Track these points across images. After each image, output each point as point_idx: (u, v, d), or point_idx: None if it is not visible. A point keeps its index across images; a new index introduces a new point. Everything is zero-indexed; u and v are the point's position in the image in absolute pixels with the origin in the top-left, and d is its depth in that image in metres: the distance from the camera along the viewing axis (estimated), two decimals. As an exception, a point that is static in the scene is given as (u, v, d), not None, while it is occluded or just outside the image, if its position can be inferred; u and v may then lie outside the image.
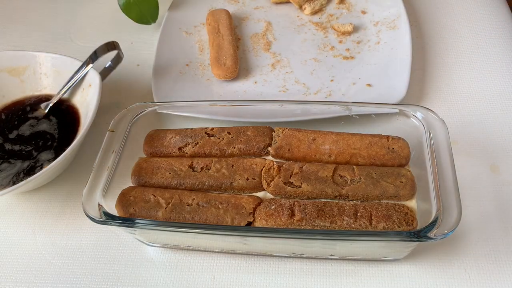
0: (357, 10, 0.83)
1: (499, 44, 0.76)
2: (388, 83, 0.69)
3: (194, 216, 0.51)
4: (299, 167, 0.53)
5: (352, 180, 0.52)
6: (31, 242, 0.60)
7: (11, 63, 0.72)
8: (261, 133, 0.57)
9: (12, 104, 0.72)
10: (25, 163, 0.63)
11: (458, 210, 0.45)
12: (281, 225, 0.49)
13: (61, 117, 0.69)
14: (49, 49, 0.76)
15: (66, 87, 0.69)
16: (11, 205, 0.64)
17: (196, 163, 0.55)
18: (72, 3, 0.96)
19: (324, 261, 0.54)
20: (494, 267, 0.52)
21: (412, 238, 0.44)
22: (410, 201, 0.51)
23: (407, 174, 0.52)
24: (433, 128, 0.53)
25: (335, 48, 0.77)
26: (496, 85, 0.70)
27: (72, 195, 0.64)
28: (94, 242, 0.59)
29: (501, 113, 0.66)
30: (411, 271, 0.52)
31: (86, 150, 0.67)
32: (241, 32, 0.83)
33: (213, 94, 0.72)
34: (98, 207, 0.50)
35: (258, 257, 0.55)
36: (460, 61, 0.74)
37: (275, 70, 0.75)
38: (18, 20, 0.95)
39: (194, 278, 0.54)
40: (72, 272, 0.56)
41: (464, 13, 0.82)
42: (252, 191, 0.54)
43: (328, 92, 0.70)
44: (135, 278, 0.55)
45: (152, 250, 0.57)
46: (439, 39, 0.79)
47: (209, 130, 0.59)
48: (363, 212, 0.49)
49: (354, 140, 0.55)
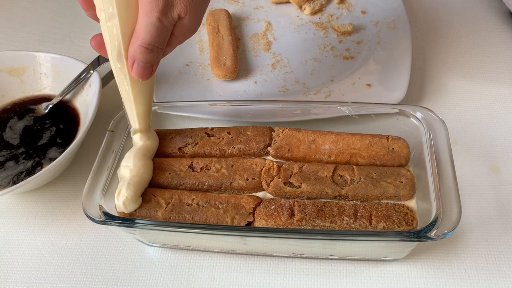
0: (357, 10, 0.83)
1: (499, 44, 0.76)
2: (388, 83, 0.69)
3: (194, 216, 0.51)
4: (299, 167, 0.53)
5: (352, 180, 0.52)
6: (31, 242, 0.60)
7: (11, 63, 0.73)
8: (261, 133, 0.57)
9: (12, 104, 0.72)
10: (25, 163, 0.63)
11: (458, 210, 0.45)
12: (281, 225, 0.49)
13: (61, 117, 0.69)
14: (49, 49, 0.76)
15: (66, 91, 0.69)
16: (11, 205, 0.64)
17: (196, 163, 0.55)
18: (72, 3, 0.96)
19: (324, 261, 0.54)
20: (494, 267, 0.52)
21: (412, 238, 0.44)
22: (410, 201, 0.51)
23: (407, 174, 0.52)
24: (433, 128, 0.53)
25: (335, 48, 0.77)
26: (496, 85, 0.70)
27: (72, 195, 0.64)
28: (94, 242, 0.59)
29: (501, 113, 0.66)
30: (411, 271, 0.52)
31: (86, 150, 0.67)
32: (241, 32, 0.83)
33: (213, 94, 0.72)
34: (98, 207, 0.50)
35: (258, 257, 0.55)
36: (460, 61, 0.74)
37: (275, 70, 0.75)
38: (18, 20, 0.95)
39: (194, 278, 0.54)
40: (72, 272, 0.56)
41: (464, 13, 0.82)
42: (252, 191, 0.54)
43: (328, 92, 0.70)
44: (135, 278, 0.55)
45: (152, 250, 0.57)
46: (439, 39, 0.79)
47: (209, 130, 0.59)
48: (363, 212, 0.49)
49: (354, 140, 0.55)
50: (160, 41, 0.45)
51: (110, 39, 0.46)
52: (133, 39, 0.45)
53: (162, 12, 0.43)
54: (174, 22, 0.45)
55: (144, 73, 0.47)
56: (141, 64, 0.46)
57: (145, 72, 0.47)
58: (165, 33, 0.45)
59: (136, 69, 0.46)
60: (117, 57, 0.47)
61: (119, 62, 0.47)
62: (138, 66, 0.46)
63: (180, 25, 0.46)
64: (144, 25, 0.44)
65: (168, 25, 0.45)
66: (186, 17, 0.45)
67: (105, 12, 0.44)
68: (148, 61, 0.46)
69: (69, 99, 0.70)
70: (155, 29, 0.44)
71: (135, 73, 0.47)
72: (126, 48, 0.46)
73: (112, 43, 0.46)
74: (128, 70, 0.47)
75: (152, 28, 0.44)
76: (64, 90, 0.69)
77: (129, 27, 0.45)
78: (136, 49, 0.45)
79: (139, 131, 0.54)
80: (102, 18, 0.45)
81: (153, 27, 0.44)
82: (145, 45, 0.45)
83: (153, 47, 0.45)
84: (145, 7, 0.43)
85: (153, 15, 0.43)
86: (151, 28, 0.44)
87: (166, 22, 0.44)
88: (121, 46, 0.46)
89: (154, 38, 0.45)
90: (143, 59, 0.46)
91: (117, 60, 0.47)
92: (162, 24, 0.44)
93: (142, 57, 0.46)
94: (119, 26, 0.45)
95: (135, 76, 0.47)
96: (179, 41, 0.48)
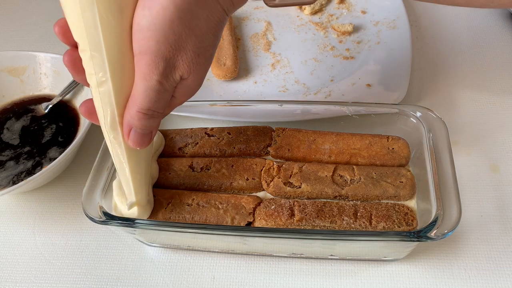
0: (357, 10, 0.83)
1: (499, 44, 0.76)
2: (388, 83, 0.69)
3: (194, 216, 0.51)
4: (298, 167, 0.53)
5: (352, 180, 0.52)
6: (31, 242, 0.60)
7: (11, 63, 0.73)
8: (261, 133, 0.57)
9: (12, 104, 0.72)
10: (25, 163, 0.63)
11: (458, 210, 0.45)
12: (281, 225, 0.49)
13: (61, 118, 0.69)
14: (49, 49, 0.76)
15: (66, 91, 0.69)
16: (11, 205, 0.64)
17: (196, 163, 0.55)
18: (72, 3, 0.96)
19: (324, 261, 0.54)
20: (494, 267, 0.52)
21: (412, 238, 0.44)
22: (410, 201, 0.51)
23: (407, 174, 0.52)
24: (433, 128, 0.53)
25: (335, 48, 0.77)
26: (496, 85, 0.70)
27: (72, 195, 0.64)
28: (94, 242, 0.59)
29: (501, 113, 0.66)
30: (411, 271, 0.52)
31: (86, 150, 0.67)
32: (241, 32, 0.83)
33: (213, 94, 0.72)
34: (98, 207, 0.50)
35: (258, 257, 0.55)
36: (460, 61, 0.74)
37: (275, 70, 0.75)
38: (18, 20, 0.95)
39: (194, 278, 0.54)
40: (72, 272, 0.56)
41: (464, 13, 0.82)
42: (252, 191, 0.54)
43: (328, 92, 0.70)
44: (135, 278, 0.55)
45: (152, 250, 0.57)
46: (439, 39, 0.79)
47: (209, 130, 0.59)
48: (363, 212, 0.49)
49: (354, 140, 0.55)
50: (160, 105, 0.41)
51: (103, 105, 0.41)
52: (130, 104, 0.41)
53: (163, 75, 0.39)
54: (176, 84, 0.41)
55: (143, 141, 0.43)
56: (139, 131, 0.42)
57: (143, 139, 0.43)
58: (165, 96, 0.41)
59: (133, 137, 0.42)
60: (111, 125, 0.42)
61: (113, 131, 0.42)
62: (135, 134, 0.42)
63: (182, 86, 0.42)
64: (142, 90, 0.39)
65: (170, 88, 0.40)
66: (190, 77, 0.41)
67: (97, 77, 0.39)
68: (147, 127, 0.42)
69: (69, 99, 0.70)
70: (154, 93, 0.39)
71: (132, 141, 0.42)
72: (120, 114, 0.41)
73: (104, 110, 0.41)
74: (124, 139, 0.43)
75: (151, 92, 0.39)
76: (64, 90, 0.69)
77: (123, 91, 0.40)
78: (133, 115, 0.40)
79: (136, 204, 0.48)
80: (93, 84, 0.40)
81: (152, 91, 0.39)
82: (144, 111, 0.40)
83: (153, 112, 0.41)
84: (143, 71, 0.39)
85: (152, 78, 0.38)
86: (150, 92, 0.39)
87: (167, 85, 0.40)
88: (115, 113, 0.41)
89: (153, 103, 0.40)
90: (141, 125, 0.41)
91: (111, 128, 0.42)
92: (163, 87, 0.39)
93: (140, 124, 0.41)
94: (113, 92, 0.40)
95: (132, 144, 0.43)
96: (180, 102, 0.44)
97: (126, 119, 0.41)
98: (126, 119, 0.41)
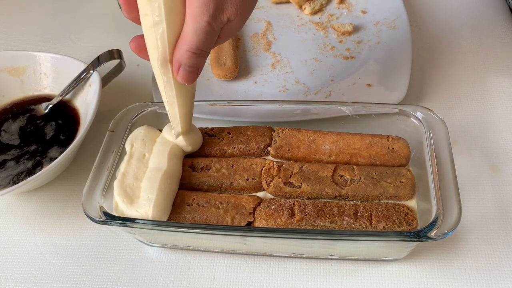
0: (357, 10, 0.83)
1: (499, 44, 0.76)
2: (388, 83, 0.69)
3: (194, 216, 0.51)
4: (299, 167, 0.53)
5: (352, 180, 0.52)
6: (31, 242, 0.60)
7: (11, 63, 0.73)
8: (261, 133, 0.57)
9: (12, 104, 0.72)
10: (25, 163, 0.63)
11: (458, 210, 0.45)
12: (281, 225, 0.49)
13: (61, 117, 0.69)
14: (49, 49, 0.76)
15: (66, 91, 0.69)
16: (11, 205, 0.64)
17: (196, 163, 0.55)
18: (72, 3, 0.96)
19: (324, 261, 0.54)
20: (494, 267, 0.52)
21: (412, 238, 0.44)
22: (410, 201, 0.51)
23: (407, 174, 0.52)
24: (433, 128, 0.53)
25: (335, 48, 0.77)
26: (496, 85, 0.70)
27: (72, 195, 0.64)
28: (94, 242, 0.59)
29: (501, 113, 0.66)
30: (411, 271, 0.52)
31: (86, 150, 0.67)
32: (241, 32, 0.83)
33: (213, 94, 0.72)
34: (98, 207, 0.50)
35: (258, 257, 0.55)
36: (460, 61, 0.74)
37: (275, 70, 0.75)
38: (18, 20, 0.95)
39: (194, 278, 0.54)
40: (72, 272, 0.56)
41: (464, 12, 0.82)
42: (252, 191, 0.54)
43: (328, 92, 0.70)
44: (135, 278, 0.55)
45: (152, 250, 0.57)
46: (439, 39, 0.79)
47: (209, 130, 0.59)
48: (363, 212, 0.49)
49: (354, 140, 0.55)
50: (207, 45, 0.45)
51: (155, 44, 0.45)
52: (180, 43, 0.44)
53: (213, 17, 0.42)
54: (223, 25, 0.44)
55: (190, 77, 0.46)
56: (187, 69, 0.45)
57: (191, 76, 0.46)
58: (213, 37, 0.44)
59: (182, 73, 0.46)
60: (162, 62, 0.46)
61: (163, 67, 0.46)
62: (184, 71, 0.45)
63: (227, 28, 0.45)
64: (192, 30, 0.43)
65: (217, 29, 0.44)
66: (236, 19, 0.44)
67: (152, 18, 0.43)
68: (195, 65, 0.45)
69: (69, 99, 0.70)
70: (203, 33, 0.43)
71: (181, 77, 0.46)
72: (171, 52, 0.45)
73: (156, 48, 0.45)
74: (173, 74, 0.47)
75: (200, 32, 0.43)
76: (64, 90, 0.69)
77: (175, 32, 0.44)
78: (183, 54, 0.44)
79: (182, 133, 0.53)
80: (147, 23, 0.44)
81: (201, 31, 0.43)
82: (193, 50, 0.44)
83: (200, 51, 0.44)
84: (194, 12, 0.42)
85: (202, 19, 0.42)
86: (200, 33, 0.43)
87: (216, 26, 0.43)
88: (166, 52, 0.45)
89: (202, 43, 0.44)
90: (189, 63, 0.45)
91: (162, 65, 0.46)
92: (212, 28, 0.43)
93: (189, 62, 0.45)
94: (166, 32, 0.43)
95: (181, 80, 0.46)
96: (222, 41, 0.47)
97: (176, 57, 0.45)
98: (176, 57, 0.45)
